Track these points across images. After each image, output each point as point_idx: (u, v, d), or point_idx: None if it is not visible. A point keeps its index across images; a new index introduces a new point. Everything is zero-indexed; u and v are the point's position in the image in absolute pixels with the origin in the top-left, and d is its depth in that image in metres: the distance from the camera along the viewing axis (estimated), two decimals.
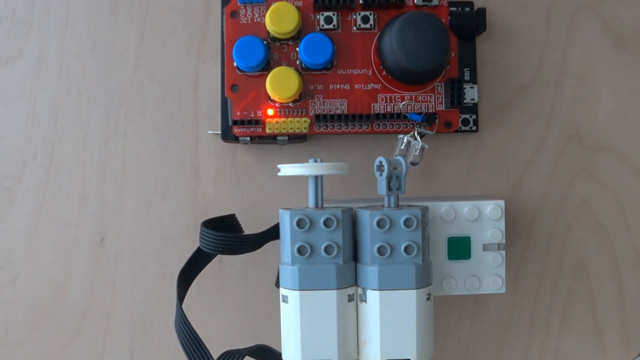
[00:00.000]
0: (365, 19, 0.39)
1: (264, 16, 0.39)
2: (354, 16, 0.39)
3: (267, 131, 0.39)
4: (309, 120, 0.39)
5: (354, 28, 0.39)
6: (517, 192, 0.43)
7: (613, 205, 0.43)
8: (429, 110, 0.39)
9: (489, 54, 0.43)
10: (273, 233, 0.38)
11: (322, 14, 0.39)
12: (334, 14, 0.39)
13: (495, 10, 0.43)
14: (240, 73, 0.39)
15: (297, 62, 0.39)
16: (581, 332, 0.43)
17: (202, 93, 0.43)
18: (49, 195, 0.42)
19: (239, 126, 0.39)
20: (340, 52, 0.39)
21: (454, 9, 0.42)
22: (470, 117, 0.42)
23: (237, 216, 0.40)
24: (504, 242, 0.39)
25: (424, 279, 0.35)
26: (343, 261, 0.35)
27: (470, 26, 0.41)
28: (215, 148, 0.43)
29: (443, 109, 0.39)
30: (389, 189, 0.35)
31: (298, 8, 0.38)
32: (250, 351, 0.37)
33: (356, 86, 0.39)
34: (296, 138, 0.41)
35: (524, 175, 0.43)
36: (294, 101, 0.39)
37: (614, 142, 0.43)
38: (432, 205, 0.38)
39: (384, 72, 0.39)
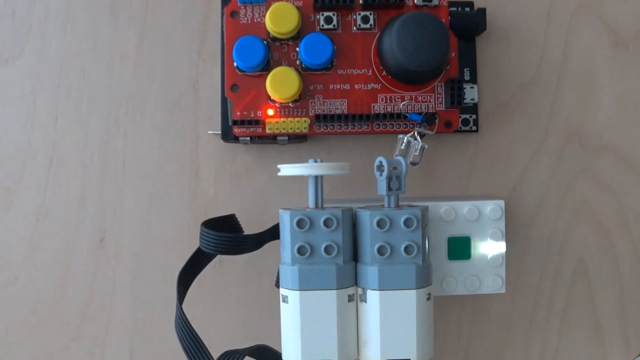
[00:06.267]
0: (365, 19, 0.39)
1: (264, 16, 0.39)
2: (354, 16, 0.39)
3: (267, 131, 0.39)
4: (309, 120, 0.39)
5: (354, 28, 0.39)
6: (517, 192, 0.43)
7: (613, 205, 0.43)
8: (429, 110, 0.39)
9: (489, 54, 0.43)
10: (273, 233, 0.38)
11: (322, 14, 0.39)
12: (334, 14, 0.39)
13: (495, 10, 0.43)
14: (240, 73, 0.39)
15: (297, 62, 0.39)
16: (581, 332, 0.43)
17: (202, 93, 0.43)
18: (49, 195, 0.42)
19: (239, 126, 0.39)
20: (340, 52, 0.39)
21: (454, 9, 0.42)
22: (470, 117, 0.42)
23: (237, 216, 0.40)
24: (504, 242, 0.39)
25: (424, 279, 0.35)
26: (343, 261, 0.35)
27: (470, 26, 0.41)
28: (215, 148, 0.43)
29: (443, 109, 0.39)
30: (389, 189, 0.35)
31: (298, 8, 0.38)
32: (250, 351, 0.37)
33: (356, 86, 0.39)
34: (296, 138, 0.41)
35: (524, 175, 0.43)
36: (294, 101, 0.39)
37: (614, 142, 0.43)
38: (432, 205, 0.38)
39: (384, 72, 0.39)
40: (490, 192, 0.43)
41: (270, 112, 0.39)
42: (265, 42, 0.38)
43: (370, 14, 0.39)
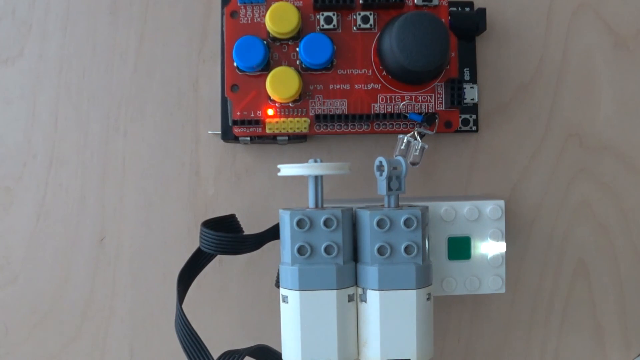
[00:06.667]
0: (365, 19, 0.39)
1: (264, 16, 0.39)
2: (354, 16, 0.39)
3: (267, 131, 0.39)
4: (309, 120, 0.39)
5: (354, 28, 0.39)
6: (517, 192, 0.43)
7: (613, 205, 0.43)
8: (429, 110, 0.39)
9: (489, 54, 0.43)
10: (273, 233, 0.38)
11: (322, 14, 0.39)
12: (334, 14, 0.39)
13: (495, 10, 0.43)
14: (240, 73, 0.39)
15: (297, 62, 0.39)
16: (581, 332, 0.43)
17: (202, 93, 0.43)
18: (49, 195, 0.42)
19: (239, 126, 0.39)
20: (340, 52, 0.39)
21: (454, 9, 0.42)
22: (470, 117, 0.42)
23: (237, 216, 0.40)
24: (504, 242, 0.39)
25: (424, 279, 0.35)
26: (343, 261, 0.35)
27: (470, 26, 0.41)
28: (215, 148, 0.43)
29: (443, 109, 0.39)
30: (389, 189, 0.35)
31: (298, 8, 0.38)
32: (250, 351, 0.37)
33: (356, 86, 0.39)
34: (296, 138, 0.41)
35: (524, 175, 0.43)
36: (294, 101, 0.39)
37: (614, 142, 0.43)
38: (432, 205, 0.38)
39: (384, 72, 0.39)
40: (490, 192, 0.43)
41: (270, 112, 0.39)
42: (265, 42, 0.38)
43: (370, 14, 0.39)
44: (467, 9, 0.42)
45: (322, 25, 0.39)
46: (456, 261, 0.38)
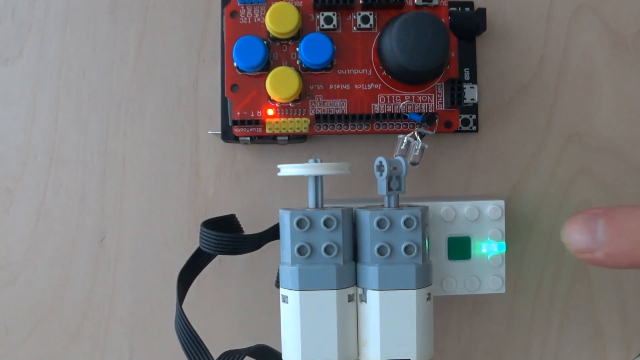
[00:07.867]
0: (365, 19, 0.39)
1: (264, 16, 0.39)
2: (354, 16, 0.39)
3: (267, 131, 0.39)
4: (309, 120, 0.39)
5: (354, 28, 0.39)
6: (517, 192, 0.43)
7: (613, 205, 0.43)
8: (429, 110, 0.39)
9: (489, 54, 0.43)
10: (273, 233, 0.38)
11: (322, 14, 0.39)
12: (334, 14, 0.39)
13: (495, 10, 0.43)
14: (240, 73, 0.39)
15: (297, 62, 0.39)
16: (581, 332, 0.43)
17: (202, 93, 0.43)
18: (49, 195, 0.42)
19: (239, 126, 0.39)
20: (340, 52, 0.39)
21: (454, 9, 0.42)
22: (470, 117, 0.42)
23: (237, 216, 0.40)
24: (504, 242, 0.39)
25: (424, 279, 0.35)
26: (343, 261, 0.35)
27: (470, 26, 0.41)
28: (215, 148, 0.43)
29: (443, 109, 0.39)
30: (389, 189, 0.35)
31: (298, 8, 0.38)
32: (250, 351, 0.37)
33: (356, 86, 0.39)
34: (296, 138, 0.41)
35: (524, 175, 0.43)
36: (294, 101, 0.39)
37: (614, 142, 0.43)
38: (432, 205, 0.38)
39: (384, 72, 0.39)
40: (490, 192, 0.43)
41: (270, 112, 0.39)
42: (265, 42, 0.38)
43: (370, 14, 0.39)
44: (467, 9, 0.42)
45: (322, 25, 0.39)
46: (456, 261, 0.38)
